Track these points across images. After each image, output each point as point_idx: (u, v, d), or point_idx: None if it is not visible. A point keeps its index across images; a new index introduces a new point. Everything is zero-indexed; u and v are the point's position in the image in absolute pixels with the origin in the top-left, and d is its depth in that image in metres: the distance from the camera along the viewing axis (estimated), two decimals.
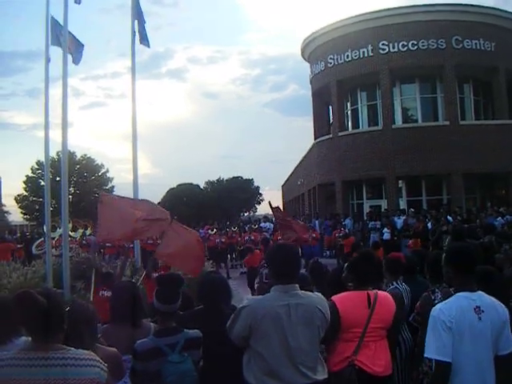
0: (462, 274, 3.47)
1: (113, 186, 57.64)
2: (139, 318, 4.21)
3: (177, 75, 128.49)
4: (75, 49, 11.25)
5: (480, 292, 3.46)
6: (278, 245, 4.71)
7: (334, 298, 4.09)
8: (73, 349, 2.60)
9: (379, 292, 4.27)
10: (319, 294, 4.00)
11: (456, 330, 3.27)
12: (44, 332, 2.53)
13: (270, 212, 15.93)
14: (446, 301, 3.45)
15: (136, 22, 11.73)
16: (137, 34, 11.86)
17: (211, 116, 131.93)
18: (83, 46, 11.56)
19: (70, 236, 15.71)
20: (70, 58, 10.57)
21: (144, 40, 11.95)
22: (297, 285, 3.65)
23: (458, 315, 3.29)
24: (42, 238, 14.15)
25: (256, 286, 8.98)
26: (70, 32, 10.74)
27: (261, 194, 68.89)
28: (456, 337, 3.27)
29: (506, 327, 3.41)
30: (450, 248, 4.09)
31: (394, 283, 5.23)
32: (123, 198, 9.02)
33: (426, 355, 3.39)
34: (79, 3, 10.64)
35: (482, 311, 3.33)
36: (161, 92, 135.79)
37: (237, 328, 3.53)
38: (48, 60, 11.02)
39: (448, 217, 17.57)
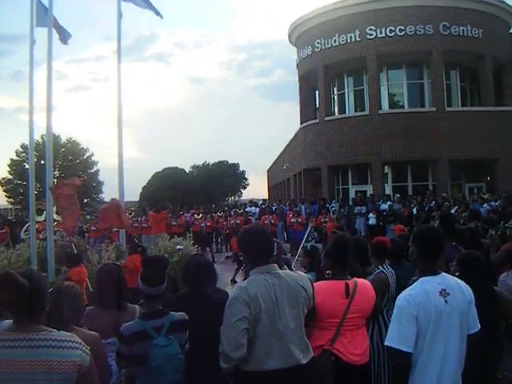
0: (426, 256, 3.44)
1: (98, 170, 57.47)
2: (124, 301, 4.19)
3: (162, 59, 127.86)
4: (61, 30, 11.13)
5: (444, 274, 3.45)
6: (249, 228, 4.65)
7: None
8: (55, 330, 2.59)
9: (358, 281, 4.23)
10: (300, 272, 3.99)
11: (422, 317, 3.24)
12: (26, 313, 2.51)
13: (256, 196, 15.86)
14: (411, 287, 3.41)
15: (122, 3, 11.68)
16: (123, 16, 11.83)
17: (197, 100, 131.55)
18: (70, 35, 11.48)
19: (55, 220, 15.61)
20: (55, 39, 10.46)
21: (156, 12, 11.95)
22: (275, 264, 3.63)
23: (424, 301, 3.25)
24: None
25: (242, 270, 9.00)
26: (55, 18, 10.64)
27: (246, 179, 69.04)
28: (423, 324, 3.24)
29: (471, 307, 3.40)
30: (417, 229, 4.00)
31: (380, 267, 5.23)
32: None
33: (386, 343, 3.35)
34: None
35: (448, 294, 3.30)
36: (146, 76, 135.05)
37: (236, 325, 3.28)
38: (33, 42, 10.87)
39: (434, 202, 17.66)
